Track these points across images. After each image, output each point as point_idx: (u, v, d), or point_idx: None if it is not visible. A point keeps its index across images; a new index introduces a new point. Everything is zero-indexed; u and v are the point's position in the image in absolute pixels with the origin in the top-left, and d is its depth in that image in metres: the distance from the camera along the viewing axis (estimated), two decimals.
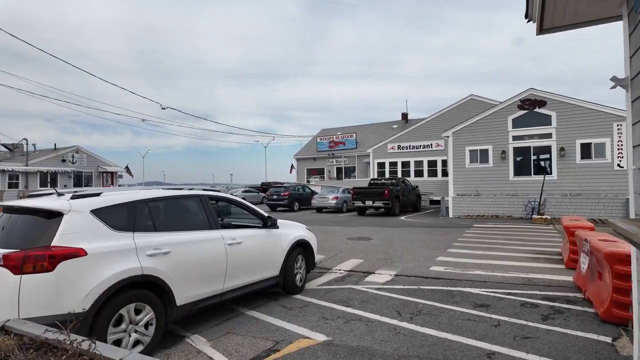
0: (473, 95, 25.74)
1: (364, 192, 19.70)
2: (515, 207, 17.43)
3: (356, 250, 9.51)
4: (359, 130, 36.64)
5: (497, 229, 13.32)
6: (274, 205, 23.94)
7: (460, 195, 18.92)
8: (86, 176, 30.39)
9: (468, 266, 7.58)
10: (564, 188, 16.43)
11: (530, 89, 17.32)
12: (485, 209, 18.20)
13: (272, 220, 5.46)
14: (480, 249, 9.35)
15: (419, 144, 27.93)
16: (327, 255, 8.85)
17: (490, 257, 8.35)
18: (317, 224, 15.87)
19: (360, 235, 12.01)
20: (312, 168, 36.85)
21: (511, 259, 8.13)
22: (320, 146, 36.20)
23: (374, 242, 10.65)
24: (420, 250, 9.32)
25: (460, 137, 19.12)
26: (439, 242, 10.64)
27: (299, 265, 6.01)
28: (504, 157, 17.91)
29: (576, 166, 16.24)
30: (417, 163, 28.19)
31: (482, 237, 11.33)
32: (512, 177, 17.74)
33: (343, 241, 10.94)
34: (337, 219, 18.26)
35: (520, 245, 9.81)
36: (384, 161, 29.35)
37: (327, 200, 21.80)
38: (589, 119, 16.01)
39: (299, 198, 24.03)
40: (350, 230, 13.35)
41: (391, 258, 8.47)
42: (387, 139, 29.42)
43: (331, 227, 14.40)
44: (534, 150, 17.33)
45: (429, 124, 27.32)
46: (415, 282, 6.45)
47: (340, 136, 35.40)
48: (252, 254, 5.04)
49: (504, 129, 17.97)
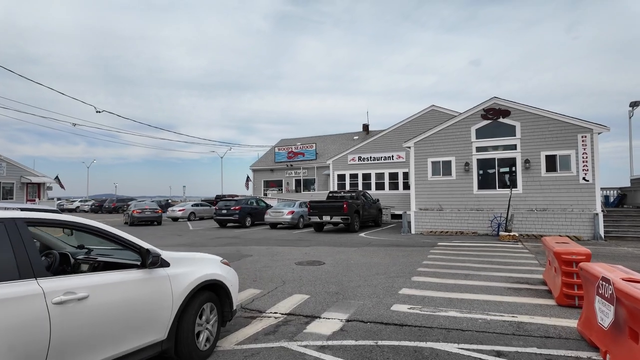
0: (434, 106, 25.05)
1: (321, 207, 18.02)
2: (480, 222, 16.40)
3: (303, 280, 7.71)
4: (319, 141, 35.17)
5: (464, 248, 12.02)
6: (223, 221, 21.69)
7: (422, 210, 17.70)
8: (6, 188, 26.46)
9: (439, 303, 5.99)
10: (529, 202, 15.59)
11: (494, 98, 16.53)
12: (449, 224, 17.05)
13: (153, 257, 3.56)
14: (450, 277, 7.85)
15: (380, 156, 26.82)
16: (264, 290, 6.98)
17: (463, 289, 6.83)
18: (265, 243, 13.94)
19: (312, 259, 10.22)
20: (270, 180, 34.78)
21: (489, 291, 6.65)
22: (279, 157, 34.28)
23: (326, 268, 8.90)
24: (381, 280, 7.67)
25: (422, 148, 18.01)
26: (401, 266, 9.07)
27: (206, 319, 4.13)
28: (467, 170, 16.92)
29: (541, 179, 15.47)
30: (378, 175, 27.02)
31: (449, 260, 9.91)
32: (476, 191, 16.75)
33: (290, 267, 9.10)
34: (290, 236, 16.40)
35: (494, 271, 8.43)
36: (345, 173, 27.96)
37: (282, 215, 19.90)
38: (553, 130, 15.35)
39: (251, 213, 21.94)
40: (301, 252, 11.53)
41: (344, 292, 6.74)
42: (347, 150, 28.12)
43: (280, 248, 12.52)
44: (498, 162, 16.47)
45: (390, 135, 26.32)
46: (373, 333, 4.74)
47: (299, 146, 33.72)
48: (108, 314, 3.11)
49: (468, 140, 17.04)
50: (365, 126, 35.47)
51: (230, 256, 10.83)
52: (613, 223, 15.28)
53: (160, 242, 14.96)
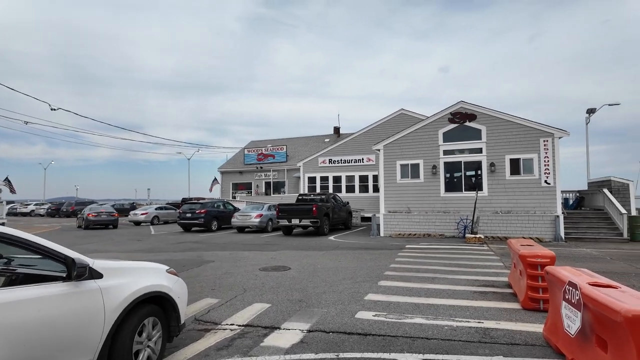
0: (403, 109, 25.29)
1: (290, 210, 17.63)
2: (447, 225, 16.54)
3: (266, 287, 7.32)
4: (290, 143, 34.76)
5: (431, 251, 12.00)
6: (188, 225, 20.86)
7: (391, 212, 17.68)
8: None
9: (404, 309, 5.78)
10: (494, 205, 15.87)
11: (460, 102, 16.76)
12: (417, 227, 17.10)
13: (79, 267, 3.09)
14: (417, 280, 7.69)
15: (350, 158, 26.76)
16: (222, 299, 6.53)
17: (430, 293, 6.67)
18: (230, 248, 13.41)
19: (278, 264, 9.84)
20: (239, 183, 33.97)
21: (455, 295, 6.52)
22: (248, 159, 33.55)
23: (291, 274, 8.54)
24: (347, 285, 7.40)
25: (391, 151, 18.01)
26: (369, 270, 8.85)
27: (147, 336, 3.69)
28: (435, 172, 17.06)
29: (506, 182, 15.79)
30: (349, 178, 26.95)
31: (416, 263, 9.80)
32: (444, 194, 16.91)
33: (253, 274, 8.68)
34: (258, 240, 15.91)
35: (461, 274, 8.36)
36: (315, 175, 27.72)
37: (250, 219, 19.34)
38: (517, 134, 15.72)
39: (218, 216, 21.23)
40: (267, 257, 11.11)
41: (308, 299, 6.41)
42: (318, 152, 27.89)
43: (246, 253, 12.05)
44: (465, 165, 16.68)
45: (361, 138, 26.32)
46: (334, 345, 4.43)
47: (270, 148, 33.15)
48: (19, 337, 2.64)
49: (435, 143, 17.18)
50: (336, 129, 35.40)
51: (190, 262, 10.28)
52: (572, 225, 15.79)
53: (117, 247, 14.10)
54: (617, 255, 11.06)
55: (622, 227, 14.72)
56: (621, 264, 9.49)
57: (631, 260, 10.15)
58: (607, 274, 8.22)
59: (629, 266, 9.22)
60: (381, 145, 18.39)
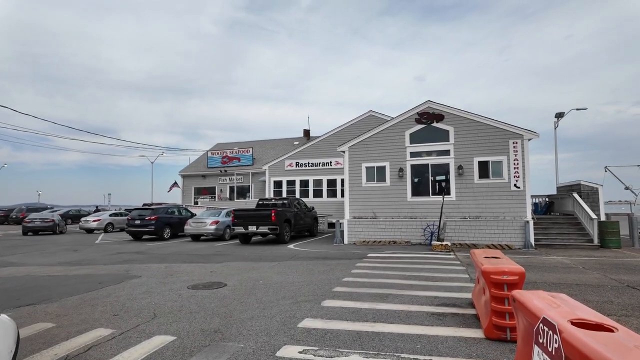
0: (372, 111, 24.43)
1: (247, 216, 16.23)
2: (413, 231, 15.58)
3: (183, 312, 5.97)
4: (257, 146, 33.31)
5: (393, 261, 10.92)
6: (137, 233, 19.09)
7: (356, 218, 16.60)
8: None
9: (343, 340, 4.59)
10: (463, 210, 15.03)
11: (428, 102, 15.93)
12: (383, 233, 16.07)
13: None
14: (368, 298, 6.54)
15: (318, 162, 25.64)
16: (118, 329, 5.15)
17: (379, 316, 5.52)
18: (170, 260, 11.93)
19: (214, 280, 8.48)
20: (202, 187, 32.13)
21: (409, 319, 5.39)
22: (212, 162, 31.80)
23: (222, 293, 7.22)
24: (284, 306, 6.15)
25: (357, 152, 16.98)
26: (317, 285, 7.64)
27: None
28: (401, 176, 16.11)
29: (474, 186, 14.99)
30: (316, 182, 25.79)
31: (373, 275, 8.67)
32: (410, 198, 15.97)
33: (177, 293, 7.29)
34: (208, 250, 14.45)
35: (420, 289, 7.27)
36: (281, 179, 26.41)
37: (205, 226, 17.81)
38: (486, 135, 14.98)
39: (171, 223, 19.55)
40: (207, 271, 9.73)
41: (227, 329, 5.12)
42: (285, 155, 26.62)
43: (184, 266, 10.61)
44: (432, 168, 15.81)
45: (329, 140, 25.24)
46: None
47: (235, 151, 31.57)
48: None
49: (402, 145, 16.26)
50: (306, 131, 34.21)
51: (110, 278, 8.77)
52: (542, 231, 15.15)
53: (43, 259, 12.34)
54: (589, 263, 10.30)
55: (592, 232, 14.15)
56: (595, 274, 8.67)
57: (604, 269, 9.37)
58: (581, 287, 7.33)
59: (603, 277, 8.40)
60: (346, 147, 17.34)
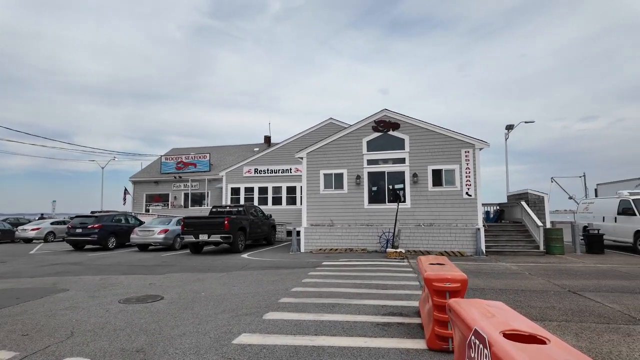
0: (332, 118, 24.41)
1: (198, 224, 15.47)
2: (370, 238, 15.51)
3: (106, 329, 5.36)
4: (215, 152, 32.31)
5: (347, 269, 10.70)
6: (79, 243, 17.73)
7: (313, 226, 16.31)
8: None
9: (279, 355, 4.23)
10: (417, 217, 15.16)
11: (384, 110, 16.04)
12: (340, 241, 15.88)
13: None
14: (314, 309, 6.21)
15: (277, 168, 25.19)
16: (23, 352, 4.50)
17: (322, 329, 5.20)
18: (109, 271, 11.05)
19: (151, 293, 7.82)
20: (154, 194, 30.62)
21: (352, 330, 5.11)
22: (166, 167, 30.44)
23: (156, 307, 6.62)
24: (221, 321, 5.69)
25: (315, 159, 16.77)
26: (263, 297, 7.22)
27: None
28: (359, 183, 16.05)
29: (428, 194, 15.18)
30: (276, 189, 25.31)
31: (324, 285, 8.37)
32: (367, 205, 15.92)
33: (104, 308, 6.61)
34: (154, 260, 13.59)
35: (369, 297, 7.05)
36: (239, 186, 25.68)
37: (152, 235, 16.81)
38: (439, 144, 15.26)
39: (117, 232, 18.33)
40: (145, 283, 9.02)
41: (153, 348, 4.60)
42: (243, 161, 25.95)
43: (121, 278, 9.82)
44: (388, 175, 15.88)
45: (289, 147, 24.89)
46: None
47: (191, 157, 30.43)
48: None
49: (359, 152, 16.24)
50: (267, 138, 33.71)
51: (33, 292, 7.89)
52: (493, 238, 15.56)
53: None
54: (535, 269, 10.58)
55: (538, 239, 14.70)
56: (539, 280, 8.87)
57: (549, 275, 9.63)
58: (526, 292, 7.42)
59: (547, 282, 8.60)
60: (304, 153, 17.08)
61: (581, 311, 6.02)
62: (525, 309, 6.18)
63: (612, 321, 5.46)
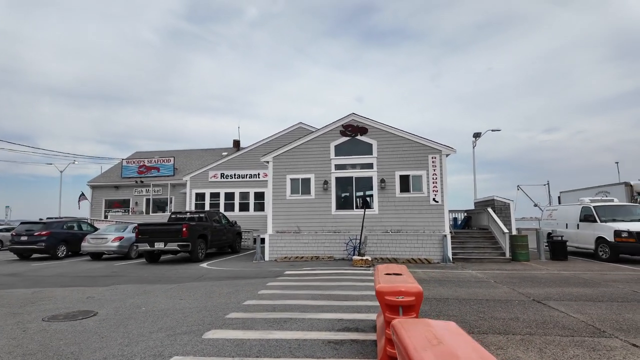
0: (301, 123, 23.96)
1: (153, 231, 14.51)
2: (337, 245, 15.05)
3: (14, 353, 4.59)
4: (181, 155, 31.13)
5: (309, 278, 10.17)
6: (24, 251, 16.34)
7: (279, 233, 15.69)
8: None
9: None
10: (385, 223, 14.84)
11: (352, 114, 15.72)
12: (306, 248, 15.33)
13: None
14: (264, 325, 5.63)
15: (245, 173, 24.43)
16: None
17: (266, 349, 4.62)
18: (46, 283, 10.05)
19: (83, 308, 7.00)
20: (114, 199, 29.09)
21: (301, 350, 4.57)
22: (127, 171, 28.98)
23: (85, 325, 5.85)
24: (155, 340, 5.01)
25: (282, 163, 16.20)
26: (210, 311, 6.57)
27: None
28: (326, 188, 15.60)
29: (396, 200, 14.91)
30: (243, 195, 24.51)
31: (282, 296, 7.80)
32: (335, 211, 15.48)
33: (22, 328, 5.78)
34: (105, 270, 12.58)
35: (325, 310, 6.53)
36: (205, 192, 24.71)
37: (106, 242, 15.70)
38: (407, 150, 15.06)
39: (68, 239, 17.03)
40: (83, 296, 8.15)
41: None
42: (209, 165, 25.03)
43: (57, 291, 8.88)
44: (356, 181, 15.52)
45: (257, 151, 24.16)
46: None
47: (155, 160, 29.15)
48: None
49: (327, 157, 15.81)
50: (236, 142, 32.82)
51: None
52: (460, 245, 15.45)
53: None
54: (500, 277, 10.40)
55: (504, 246, 14.67)
56: (504, 289, 8.63)
57: (514, 283, 9.44)
58: (491, 302, 7.11)
59: (512, 291, 8.36)
60: (270, 157, 16.49)
61: (545, 322, 5.73)
62: (488, 320, 5.83)
63: (577, 333, 5.18)
